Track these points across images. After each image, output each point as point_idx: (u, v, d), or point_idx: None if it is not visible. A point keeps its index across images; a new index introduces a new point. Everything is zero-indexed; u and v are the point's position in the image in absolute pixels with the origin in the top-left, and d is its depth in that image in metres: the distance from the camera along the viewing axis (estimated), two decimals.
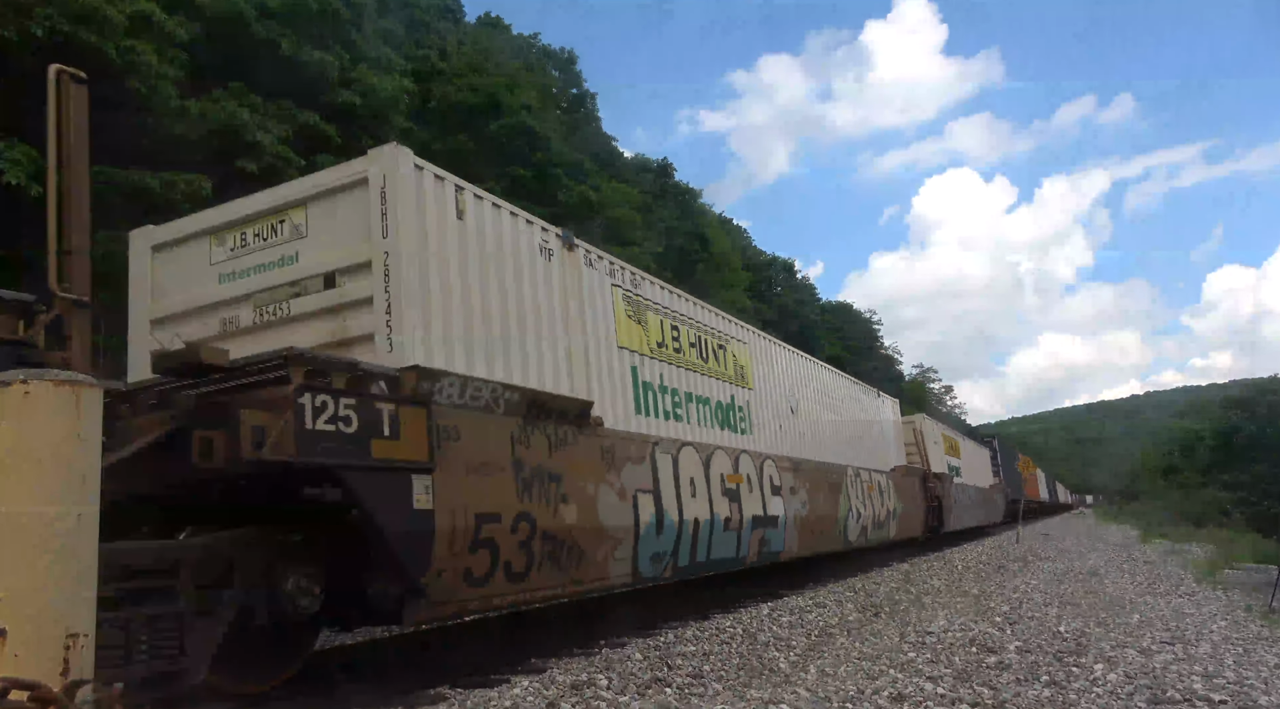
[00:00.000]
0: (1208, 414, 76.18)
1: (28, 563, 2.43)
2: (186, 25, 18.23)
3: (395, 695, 5.32)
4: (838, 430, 14.46)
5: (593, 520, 6.97)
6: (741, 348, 11.39)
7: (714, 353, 10.46)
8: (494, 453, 5.96)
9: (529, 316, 7.01)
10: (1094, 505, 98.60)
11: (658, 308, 9.34)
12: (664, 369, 9.03)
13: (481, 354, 6.34)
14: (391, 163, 5.90)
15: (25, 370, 2.49)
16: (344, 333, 5.89)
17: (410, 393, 5.35)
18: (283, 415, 4.54)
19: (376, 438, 4.97)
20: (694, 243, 42.98)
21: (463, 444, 5.64)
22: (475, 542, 5.62)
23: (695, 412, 9.52)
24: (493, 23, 40.50)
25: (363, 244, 5.88)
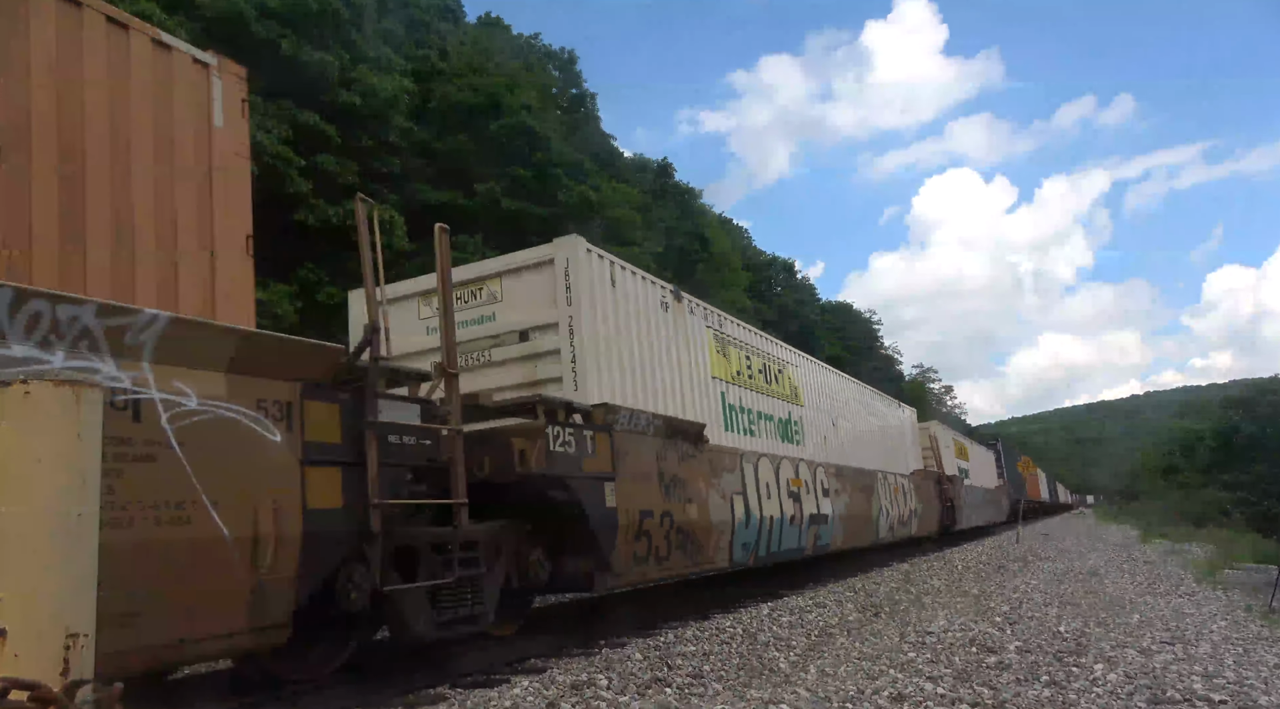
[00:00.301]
0: (1208, 414, 76.18)
1: (28, 563, 2.43)
2: (186, 25, 18.24)
3: (395, 695, 5.32)
4: (868, 439, 16.22)
5: (706, 517, 8.86)
6: (794, 370, 13.31)
7: (775, 376, 12.36)
8: (647, 465, 7.89)
9: (657, 357, 8.96)
10: (1095, 505, 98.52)
11: (735, 341, 11.25)
12: (742, 393, 10.95)
13: (632, 390, 8.24)
14: (572, 249, 7.86)
15: (25, 370, 2.50)
16: (534, 376, 7.70)
17: (600, 422, 7.30)
18: (536, 442, 6.42)
19: (586, 456, 6.96)
20: (694, 243, 42.98)
21: (630, 459, 7.56)
22: (639, 531, 7.52)
23: (764, 427, 11.49)
24: (493, 23, 40.50)
25: (550, 309, 7.77)
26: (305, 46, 21.12)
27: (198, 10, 19.31)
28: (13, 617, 2.34)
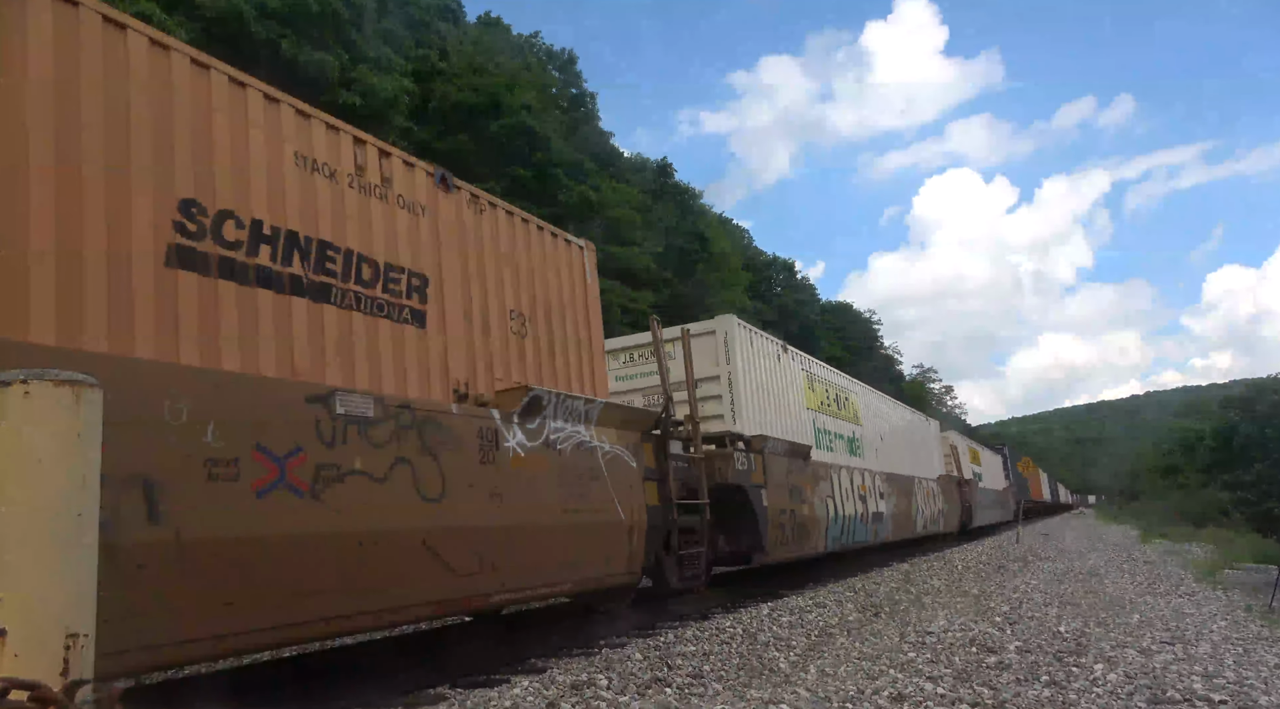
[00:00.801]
0: (1208, 414, 76.21)
1: (27, 563, 2.43)
2: (186, 25, 18.24)
3: (395, 695, 5.33)
4: (905, 449, 18.95)
5: (813, 515, 12.19)
6: (854, 396, 16.31)
7: (843, 403, 15.49)
8: (781, 477, 11.11)
9: (775, 395, 12.19)
10: (1096, 505, 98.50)
11: (818, 378, 14.41)
12: (825, 419, 14.16)
13: (764, 420, 11.45)
14: (729, 324, 11.24)
15: (25, 370, 2.50)
16: (701, 413, 9.76)
17: (757, 448, 10.63)
18: (729, 463, 9.81)
19: (752, 471, 10.29)
20: (694, 242, 43.00)
21: (773, 473, 10.82)
22: (778, 524, 10.76)
23: (839, 445, 14.65)
24: (492, 22, 40.51)
25: (713, 365, 10.83)
26: (305, 47, 21.13)
27: (198, 10, 19.31)
28: (13, 617, 2.34)
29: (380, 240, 5.81)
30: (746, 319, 14.96)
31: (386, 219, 5.92)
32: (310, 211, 5.32)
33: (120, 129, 4.40)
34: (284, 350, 4.94)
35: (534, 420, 6.64)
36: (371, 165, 5.92)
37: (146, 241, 4.40)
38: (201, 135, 4.81)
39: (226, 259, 4.72)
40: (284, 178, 5.23)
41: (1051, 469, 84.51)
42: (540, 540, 6.42)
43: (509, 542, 6.03)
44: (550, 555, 6.57)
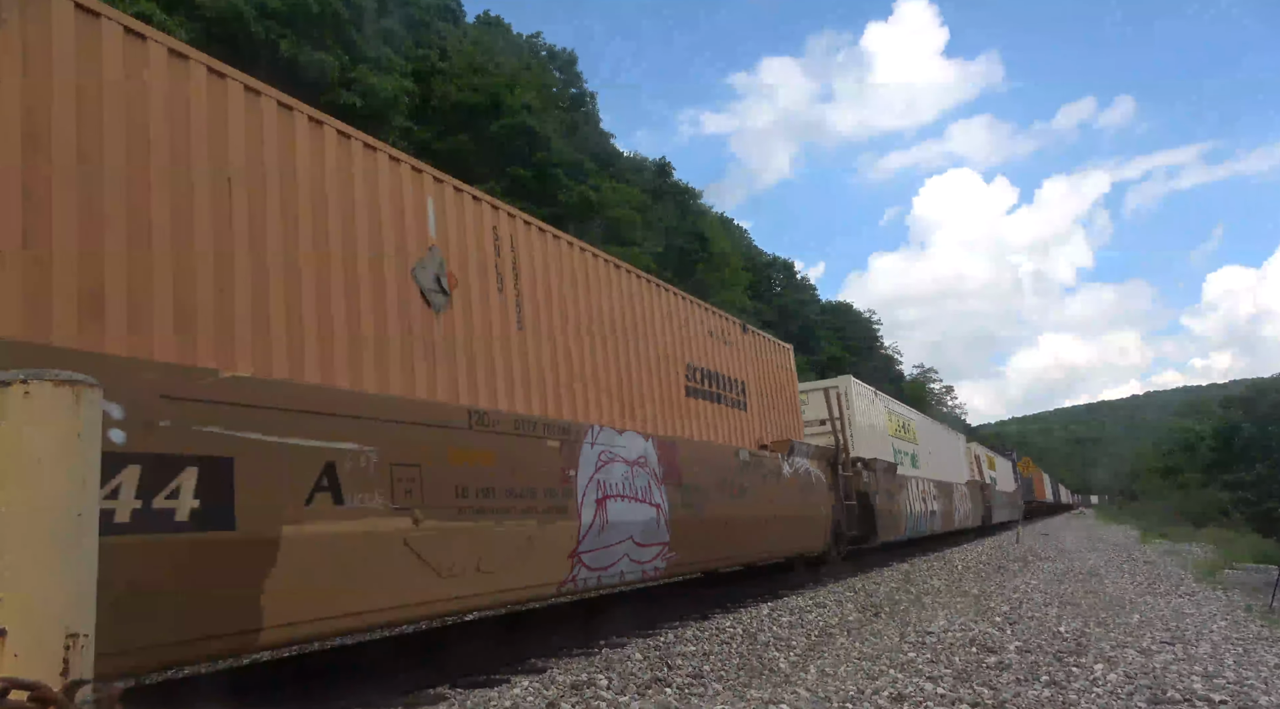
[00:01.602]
0: (1208, 414, 76.18)
1: (27, 563, 2.43)
2: (186, 25, 18.24)
3: (395, 695, 5.32)
4: (945, 460, 23.73)
5: (900, 511, 16.61)
6: (913, 422, 21.36)
7: (906, 428, 20.26)
8: (884, 486, 15.26)
9: (871, 426, 16.50)
10: (1098, 506, 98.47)
11: (893, 411, 19.16)
12: (898, 442, 18.71)
13: (870, 447, 15.68)
14: (847, 382, 15.80)
15: (25, 370, 2.50)
16: (826, 441, 13.53)
17: (871, 467, 14.62)
18: (862, 477, 14.22)
19: (871, 483, 14.56)
20: (694, 242, 43.00)
21: (880, 483, 15.07)
22: (883, 518, 14.84)
23: (906, 460, 18.97)
24: (492, 22, 40.49)
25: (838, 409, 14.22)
26: (305, 47, 21.13)
27: (197, 10, 19.30)
28: (13, 617, 2.34)
29: (727, 366, 10.80)
30: (746, 319, 16.84)
31: (728, 354, 10.89)
32: (711, 358, 10.37)
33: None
34: (712, 432, 9.98)
35: (790, 458, 11.69)
36: (721, 328, 10.90)
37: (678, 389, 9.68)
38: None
39: (699, 389, 9.88)
40: (707, 346, 10.35)
41: (1051, 469, 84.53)
42: (791, 523, 11.39)
43: (781, 523, 10.98)
44: (794, 532, 11.48)
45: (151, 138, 4.37)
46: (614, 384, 8.07)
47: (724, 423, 10.22)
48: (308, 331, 4.99)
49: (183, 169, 4.49)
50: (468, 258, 6.42)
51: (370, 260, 5.53)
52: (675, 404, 9.09)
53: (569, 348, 7.51)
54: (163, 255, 4.31)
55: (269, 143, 5.04)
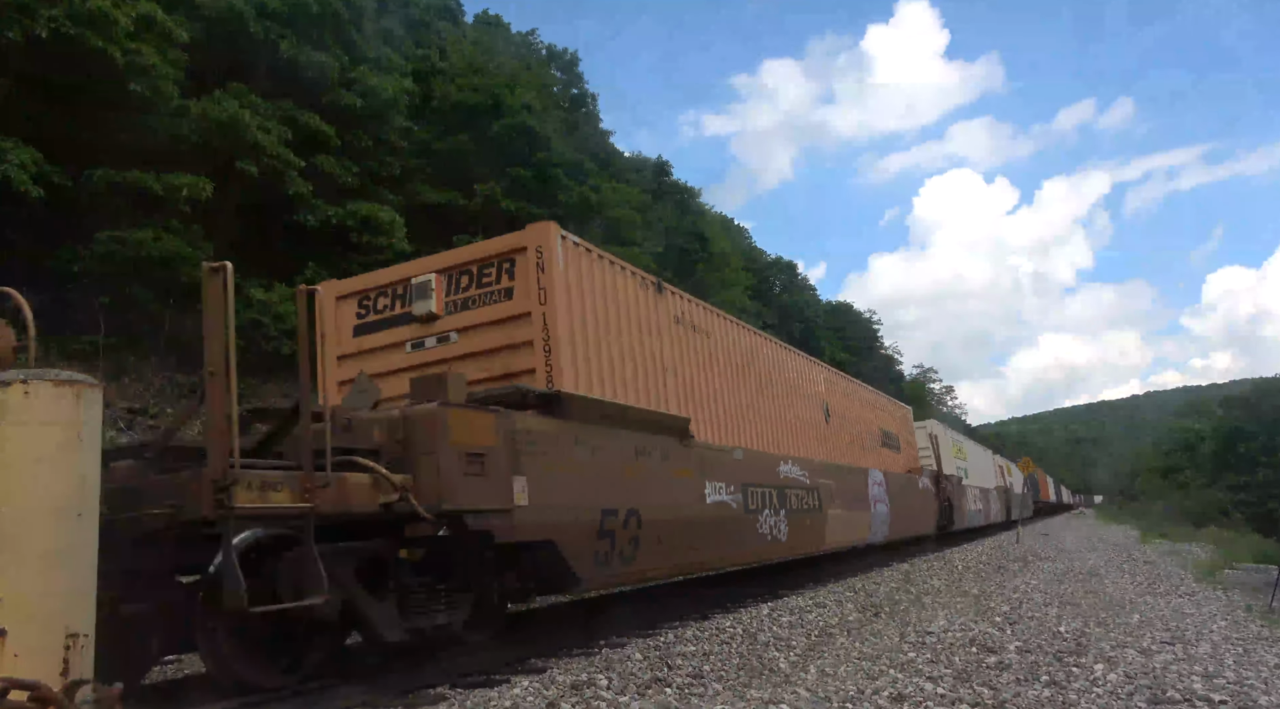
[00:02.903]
0: (1208, 414, 76.10)
1: (28, 563, 2.43)
2: (187, 25, 18.22)
3: (395, 695, 5.32)
4: (981, 470, 29.98)
5: (966, 509, 23.87)
6: (964, 445, 28.13)
7: (961, 450, 26.80)
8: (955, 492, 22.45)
9: (948, 454, 23.67)
10: (1100, 506, 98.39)
11: (956, 441, 26.19)
12: (957, 461, 24.51)
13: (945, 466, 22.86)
14: (937, 427, 25.53)
15: (25, 370, 2.50)
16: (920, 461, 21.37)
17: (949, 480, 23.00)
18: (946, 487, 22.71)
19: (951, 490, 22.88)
20: (694, 242, 42.95)
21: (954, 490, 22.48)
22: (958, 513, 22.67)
23: (962, 473, 24.97)
24: (492, 21, 40.47)
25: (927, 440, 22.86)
26: (305, 47, 21.11)
27: (197, 10, 19.29)
28: (13, 617, 2.33)
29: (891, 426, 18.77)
30: (747, 319, 16.99)
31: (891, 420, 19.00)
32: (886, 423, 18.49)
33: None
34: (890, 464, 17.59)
35: (920, 478, 19.10)
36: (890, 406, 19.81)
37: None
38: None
39: (884, 442, 17.99)
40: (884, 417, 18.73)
41: (1051, 469, 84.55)
42: (922, 516, 18.52)
43: (919, 515, 18.25)
44: (923, 521, 18.69)
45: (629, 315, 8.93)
46: (865, 445, 16.55)
47: (893, 459, 18.06)
48: (769, 425, 11.88)
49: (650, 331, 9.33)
50: (826, 396, 14.82)
51: (806, 400, 13.65)
52: (877, 452, 17.22)
53: (852, 430, 15.83)
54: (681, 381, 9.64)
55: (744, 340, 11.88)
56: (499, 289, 7.75)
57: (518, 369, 7.41)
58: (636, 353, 8.63)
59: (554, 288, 7.41)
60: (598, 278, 8.21)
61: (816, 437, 13.50)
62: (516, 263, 7.64)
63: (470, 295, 7.94)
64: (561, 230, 7.78)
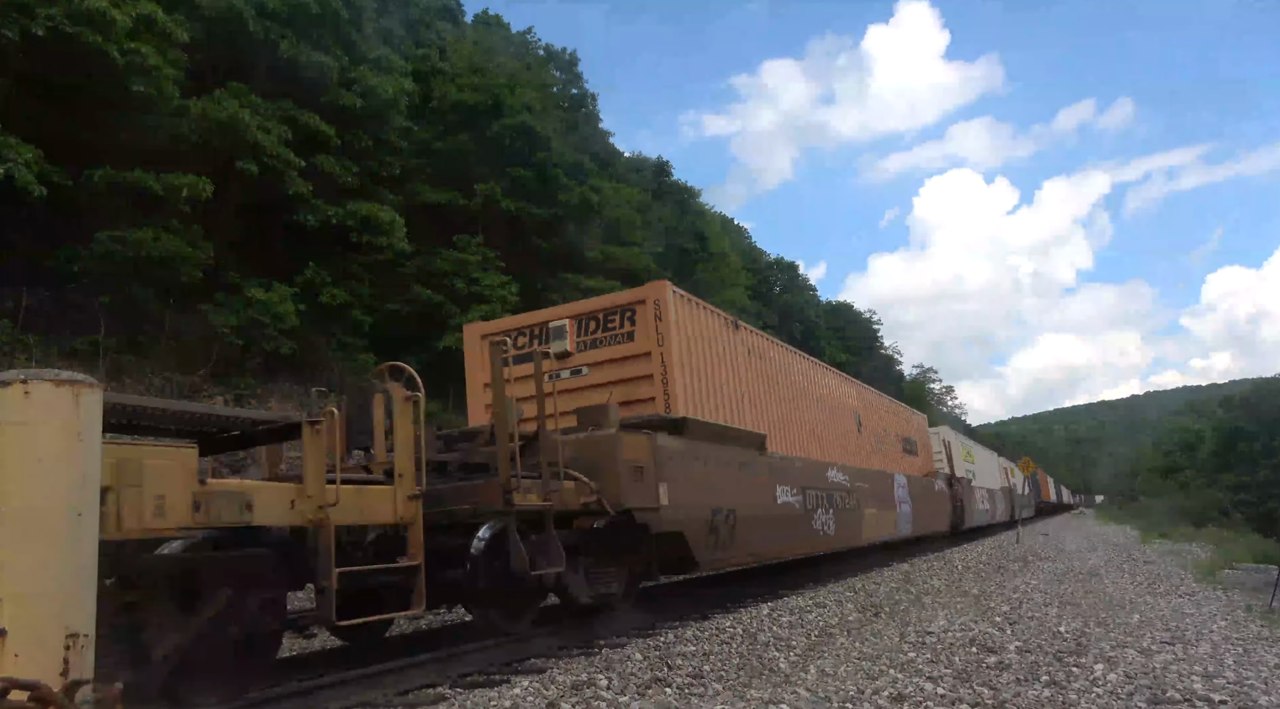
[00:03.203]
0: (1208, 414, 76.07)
1: (28, 563, 2.43)
2: (187, 25, 18.21)
3: (395, 695, 5.32)
4: (987, 472, 31.38)
5: (975, 508, 25.40)
6: (972, 449, 30.01)
7: (970, 454, 28.81)
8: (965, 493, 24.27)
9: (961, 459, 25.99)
10: (1102, 506, 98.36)
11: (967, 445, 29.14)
12: (966, 464, 26.60)
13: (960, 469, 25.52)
14: (946, 431, 28.05)
15: (25, 371, 2.49)
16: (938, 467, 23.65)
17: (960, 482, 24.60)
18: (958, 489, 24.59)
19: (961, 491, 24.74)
20: (694, 242, 42.92)
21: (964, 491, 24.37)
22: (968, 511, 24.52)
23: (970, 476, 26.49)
24: (491, 21, 40.44)
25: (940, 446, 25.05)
26: (304, 47, 21.10)
27: (198, 10, 19.28)
28: (13, 617, 2.34)
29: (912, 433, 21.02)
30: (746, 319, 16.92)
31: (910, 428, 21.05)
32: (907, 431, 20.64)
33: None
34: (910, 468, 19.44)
35: (935, 480, 21.01)
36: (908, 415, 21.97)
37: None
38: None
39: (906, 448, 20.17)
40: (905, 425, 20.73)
41: (1051, 469, 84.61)
42: (938, 514, 20.19)
43: (935, 514, 19.91)
44: (939, 519, 20.22)
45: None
46: (890, 451, 18.22)
47: (912, 463, 19.81)
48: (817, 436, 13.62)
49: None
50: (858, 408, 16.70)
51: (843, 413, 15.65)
52: (899, 456, 18.90)
53: (879, 438, 17.56)
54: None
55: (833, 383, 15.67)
56: (622, 333, 9.66)
57: (639, 397, 9.28)
58: (722, 380, 10.60)
59: (669, 333, 9.37)
60: (696, 321, 10.19)
61: (852, 445, 15.47)
62: (637, 312, 9.59)
63: (598, 337, 9.83)
64: (672, 286, 9.79)
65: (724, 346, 10.87)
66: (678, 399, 9.26)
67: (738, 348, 11.30)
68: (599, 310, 9.97)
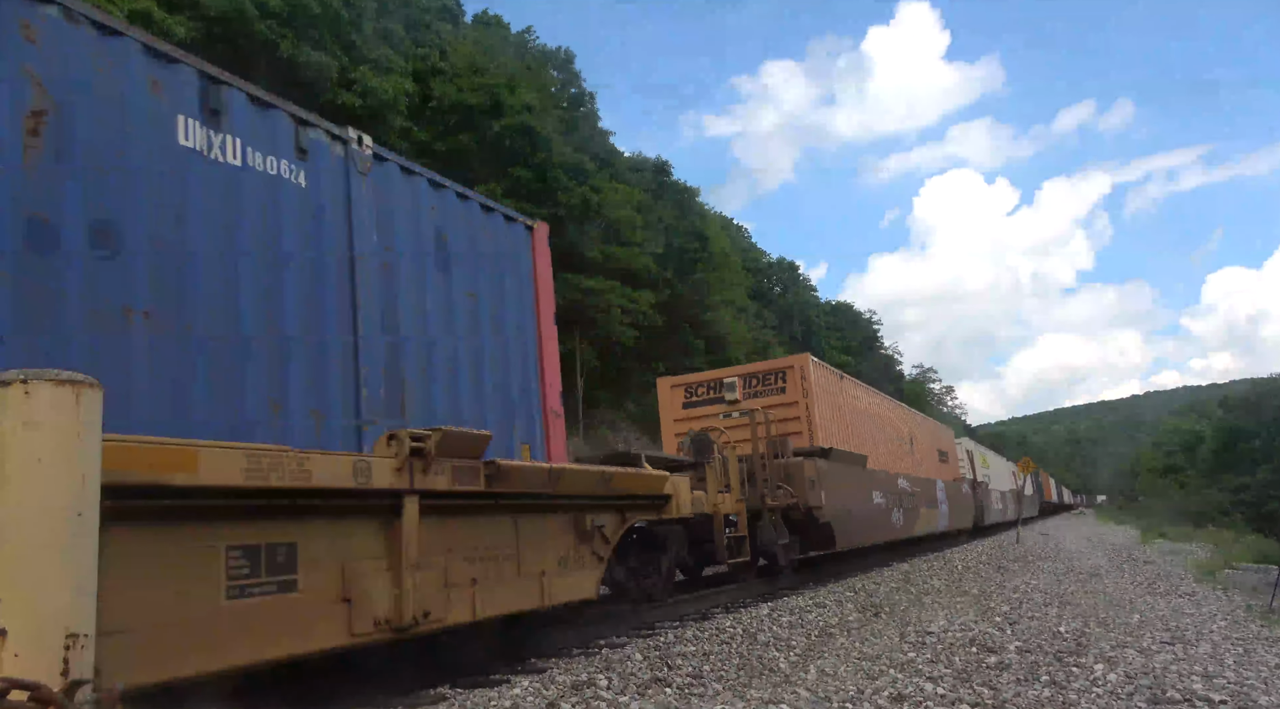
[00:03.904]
0: (1208, 414, 76.06)
1: (28, 563, 2.43)
2: (186, 24, 18.23)
3: (395, 695, 5.33)
4: (1000, 475, 34.62)
5: (992, 507, 29.35)
6: (989, 456, 35.06)
7: (986, 461, 32.47)
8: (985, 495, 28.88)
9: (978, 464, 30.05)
10: (1103, 506, 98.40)
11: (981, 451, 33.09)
12: (982, 469, 30.65)
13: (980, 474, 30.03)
14: (970, 443, 32.64)
15: (25, 370, 2.49)
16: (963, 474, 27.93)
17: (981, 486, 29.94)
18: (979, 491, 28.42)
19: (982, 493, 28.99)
20: (694, 242, 42.93)
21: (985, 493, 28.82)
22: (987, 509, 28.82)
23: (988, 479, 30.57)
24: (491, 21, 40.44)
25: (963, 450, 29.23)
26: (304, 47, 21.11)
27: (199, 10, 19.30)
28: (13, 617, 2.34)
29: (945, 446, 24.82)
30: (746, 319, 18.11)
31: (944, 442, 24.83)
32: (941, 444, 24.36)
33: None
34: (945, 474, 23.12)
35: (962, 484, 24.81)
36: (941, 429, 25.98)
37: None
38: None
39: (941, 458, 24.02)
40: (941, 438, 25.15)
41: (1051, 469, 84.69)
42: (965, 513, 23.72)
43: (964, 512, 23.56)
44: (966, 517, 23.88)
45: None
46: (930, 461, 21.32)
47: (945, 470, 23.04)
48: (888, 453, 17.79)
49: None
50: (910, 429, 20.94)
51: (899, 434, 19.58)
52: (937, 465, 21.98)
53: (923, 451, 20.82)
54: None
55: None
56: (776, 387, 13.84)
57: (790, 432, 12.95)
58: (838, 417, 14.76)
59: (811, 389, 13.64)
60: (823, 378, 14.46)
61: (909, 459, 19.66)
62: (787, 374, 13.90)
63: (758, 390, 13.97)
64: (812, 357, 14.39)
65: (837, 394, 15.15)
66: (818, 432, 13.39)
67: (845, 393, 15.71)
68: (759, 372, 14.26)
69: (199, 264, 4.69)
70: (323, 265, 5.47)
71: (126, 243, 4.32)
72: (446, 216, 6.67)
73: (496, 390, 6.82)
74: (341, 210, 5.72)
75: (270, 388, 4.95)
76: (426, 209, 6.51)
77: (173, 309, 4.51)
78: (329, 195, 5.65)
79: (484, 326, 6.82)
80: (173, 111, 4.69)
